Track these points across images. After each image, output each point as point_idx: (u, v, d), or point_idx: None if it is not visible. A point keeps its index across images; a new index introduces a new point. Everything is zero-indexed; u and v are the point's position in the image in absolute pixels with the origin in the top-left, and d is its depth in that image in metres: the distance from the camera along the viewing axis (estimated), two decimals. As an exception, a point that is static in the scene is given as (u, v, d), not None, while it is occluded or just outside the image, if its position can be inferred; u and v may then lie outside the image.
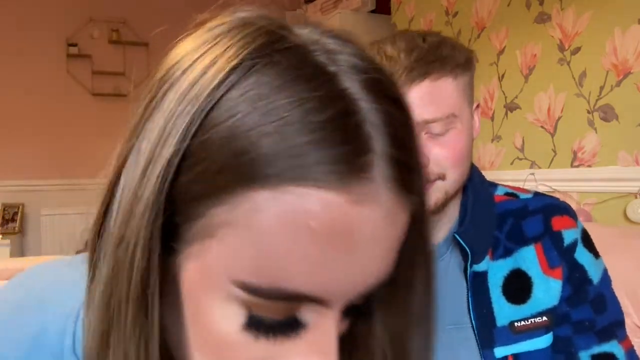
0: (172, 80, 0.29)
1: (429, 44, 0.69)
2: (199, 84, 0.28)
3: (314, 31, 0.31)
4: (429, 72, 0.67)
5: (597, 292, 0.75)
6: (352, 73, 0.28)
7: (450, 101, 0.69)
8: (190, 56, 0.30)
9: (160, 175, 0.27)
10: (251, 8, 0.32)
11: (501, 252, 0.76)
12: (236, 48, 0.28)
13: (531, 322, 0.73)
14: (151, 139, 0.28)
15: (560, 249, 0.75)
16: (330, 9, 3.14)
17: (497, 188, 0.82)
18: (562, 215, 0.77)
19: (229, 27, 0.30)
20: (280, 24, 0.31)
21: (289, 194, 0.26)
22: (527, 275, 0.74)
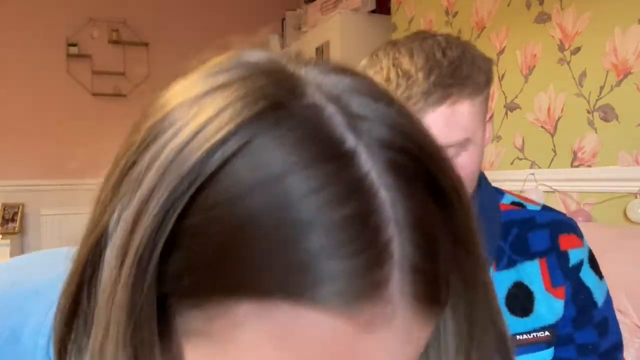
0: (159, 136, 0.24)
1: (449, 61, 0.64)
2: (186, 151, 0.23)
3: (337, 82, 0.26)
4: (447, 97, 0.63)
5: (602, 315, 0.74)
6: (376, 149, 0.23)
7: (465, 125, 0.66)
8: (182, 111, 0.25)
9: (135, 263, 0.23)
10: (259, 51, 0.28)
11: (505, 262, 0.74)
12: (233, 110, 0.23)
13: (533, 336, 0.72)
14: (128, 217, 0.24)
15: (565, 268, 0.73)
16: (330, 9, 3.14)
17: (503, 196, 0.80)
18: (569, 233, 0.75)
19: (230, 78, 0.25)
20: (292, 75, 0.25)
21: (280, 312, 0.21)
22: (530, 290, 0.73)
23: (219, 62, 0.28)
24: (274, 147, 0.22)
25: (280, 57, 0.28)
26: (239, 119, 0.23)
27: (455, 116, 0.64)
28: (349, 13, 2.96)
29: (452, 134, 0.64)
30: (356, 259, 0.21)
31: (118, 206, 0.25)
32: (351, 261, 0.21)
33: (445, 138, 0.64)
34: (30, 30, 3.63)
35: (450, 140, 0.65)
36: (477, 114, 0.67)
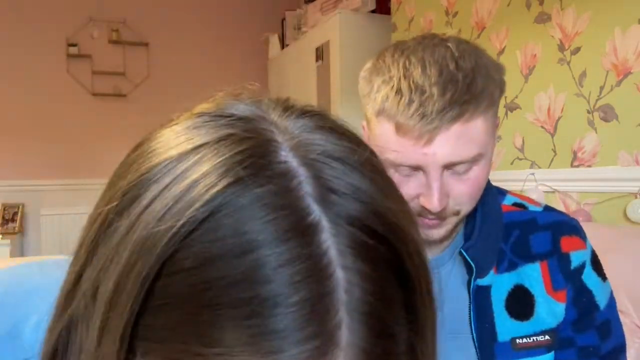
0: (133, 206, 0.25)
1: (464, 74, 0.61)
2: (161, 223, 0.23)
3: (316, 143, 0.25)
4: (462, 114, 0.61)
5: (604, 318, 0.73)
6: (342, 225, 0.23)
7: (479, 140, 0.63)
8: (156, 176, 0.25)
9: (118, 340, 0.24)
10: (242, 102, 0.28)
11: (505, 265, 0.73)
12: (205, 181, 0.23)
13: (533, 340, 0.71)
14: (107, 289, 0.24)
15: (567, 271, 0.72)
16: (330, 9, 3.14)
17: (505, 197, 0.79)
18: (571, 235, 0.74)
19: (208, 138, 0.25)
20: (269, 135, 0.25)
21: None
22: (531, 293, 0.72)
23: (201, 115, 0.28)
24: (236, 221, 0.23)
25: (263, 110, 0.28)
26: (211, 190, 0.23)
27: (468, 133, 0.62)
28: (349, 13, 2.96)
29: (465, 151, 0.62)
30: (305, 345, 0.21)
31: (92, 282, 0.25)
32: (303, 347, 0.21)
33: (458, 155, 0.62)
34: (30, 30, 3.63)
35: (463, 157, 0.62)
36: (489, 128, 0.64)
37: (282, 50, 3.85)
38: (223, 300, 0.21)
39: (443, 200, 0.64)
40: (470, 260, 0.70)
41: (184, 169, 0.24)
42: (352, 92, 3.03)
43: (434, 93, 0.60)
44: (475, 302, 0.71)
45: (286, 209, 0.23)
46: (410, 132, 0.61)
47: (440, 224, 0.68)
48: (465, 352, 0.72)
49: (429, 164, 0.62)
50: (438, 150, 0.61)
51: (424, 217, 0.67)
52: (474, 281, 0.71)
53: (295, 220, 0.23)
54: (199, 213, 0.23)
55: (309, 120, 0.27)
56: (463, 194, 0.65)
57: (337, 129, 0.28)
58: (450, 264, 0.75)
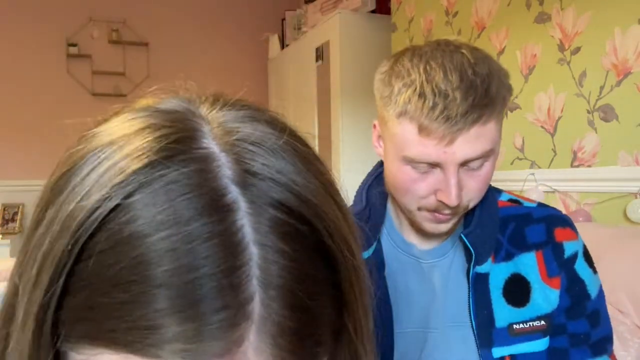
0: (59, 196, 0.26)
1: (481, 80, 0.66)
2: (78, 207, 0.24)
3: (239, 131, 0.26)
4: (481, 117, 0.66)
5: (594, 307, 0.77)
6: (261, 206, 0.24)
7: (492, 138, 0.70)
8: (83, 167, 0.26)
9: (34, 318, 0.25)
10: (175, 98, 0.29)
11: (503, 255, 0.77)
12: (123, 163, 0.24)
13: (529, 326, 0.74)
14: (30, 275, 0.25)
15: (561, 259, 0.76)
16: (330, 9, 3.14)
17: (501, 194, 0.84)
18: (564, 227, 0.78)
19: (132, 129, 0.26)
20: (192, 123, 0.26)
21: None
22: (527, 280, 0.76)
23: (134, 109, 0.29)
24: (149, 202, 0.23)
25: (191, 103, 0.29)
26: (124, 174, 0.24)
27: (485, 132, 0.68)
28: (349, 13, 2.96)
29: (481, 147, 0.68)
30: (216, 316, 0.22)
31: (19, 274, 0.26)
32: (215, 316, 0.22)
33: (475, 153, 0.68)
34: (30, 30, 3.63)
35: (478, 154, 0.68)
36: (499, 126, 0.71)
37: (282, 50, 3.85)
38: (140, 277, 0.22)
39: (460, 195, 0.69)
40: (470, 245, 0.74)
41: (103, 158, 0.25)
42: (352, 92, 3.04)
43: (457, 97, 0.64)
44: (474, 289, 0.75)
45: (202, 189, 0.23)
46: (434, 133, 0.66)
47: (451, 218, 0.73)
48: (466, 341, 0.75)
49: (448, 161, 0.67)
50: (458, 149, 0.67)
51: (440, 212, 0.71)
52: (473, 268, 0.75)
53: (210, 199, 0.23)
54: (112, 196, 0.23)
55: (236, 111, 0.28)
56: (474, 188, 0.71)
57: (261, 116, 0.28)
58: (451, 253, 0.79)
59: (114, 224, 0.23)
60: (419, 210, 0.73)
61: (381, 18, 2.98)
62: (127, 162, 0.24)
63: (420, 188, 0.70)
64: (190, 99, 0.29)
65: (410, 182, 0.71)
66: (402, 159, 0.70)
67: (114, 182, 0.24)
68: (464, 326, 0.76)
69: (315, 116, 3.23)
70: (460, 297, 0.77)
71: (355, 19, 2.97)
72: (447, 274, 0.79)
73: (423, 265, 0.80)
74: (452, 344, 0.76)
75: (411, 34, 2.68)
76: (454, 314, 0.77)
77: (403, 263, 0.81)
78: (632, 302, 1.28)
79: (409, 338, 0.78)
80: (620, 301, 1.30)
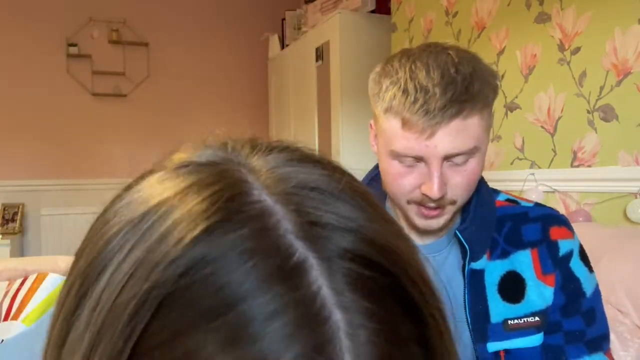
0: (98, 279, 0.22)
1: (462, 77, 0.69)
2: (124, 296, 0.20)
3: (291, 176, 0.23)
4: (460, 111, 0.69)
5: (589, 305, 0.78)
6: (334, 260, 0.20)
7: (475, 135, 0.72)
8: (118, 240, 0.22)
9: None
10: (209, 148, 0.26)
11: (498, 253, 0.79)
12: (179, 232, 0.21)
13: (524, 321, 0.76)
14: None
15: (555, 257, 0.78)
16: (330, 9, 3.14)
17: (499, 194, 0.86)
18: (560, 226, 0.80)
19: (172, 192, 0.23)
20: (238, 177, 0.23)
21: None
22: (522, 277, 0.78)
23: (161, 170, 0.25)
24: (213, 275, 0.20)
25: (229, 152, 0.25)
26: (178, 246, 0.20)
27: (466, 128, 0.70)
28: (349, 13, 2.96)
29: (463, 143, 0.70)
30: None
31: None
32: None
33: (457, 148, 0.70)
34: (30, 30, 3.63)
35: (462, 149, 0.71)
36: (484, 125, 0.73)
37: (282, 50, 3.85)
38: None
39: (442, 188, 0.71)
40: (465, 241, 0.76)
41: (144, 229, 0.21)
42: (352, 92, 3.04)
43: (437, 92, 0.68)
44: (469, 285, 0.77)
45: (266, 252, 0.20)
46: (415, 126, 0.70)
47: (440, 214, 0.75)
48: (461, 336, 0.78)
49: (430, 155, 0.71)
50: (439, 142, 0.69)
51: (425, 205, 0.75)
52: (468, 265, 0.77)
53: (277, 262, 0.20)
54: (166, 275, 0.20)
55: (277, 154, 0.25)
56: (459, 184, 0.73)
57: (309, 158, 0.25)
58: (446, 249, 0.82)
59: (173, 308, 0.20)
60: (408, 204, 0.77)
61: (381, 18, 2.98)
62: (181, 233, 0.20)
63: (407, 181, 0.74)
64: (227, 144, 0.26)
65: (397, 175, 0.75)
66: (389, 154, 0.74)
67: (166, 258, 0.20)
68: (460, 322, 0.78)
69: (315, 116, 3.23)
70: (456, 292, 0.79)
71: (355, 19, 2.97)
72: (441, 269, 0.81)
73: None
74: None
75: (411, 34, 2.68)
76: (450, 309, 0.78)
77: None
78: (632, 302, 1.28)
79: None
80: (620, 301, 1.30)
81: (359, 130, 2.91)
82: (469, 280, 0.77)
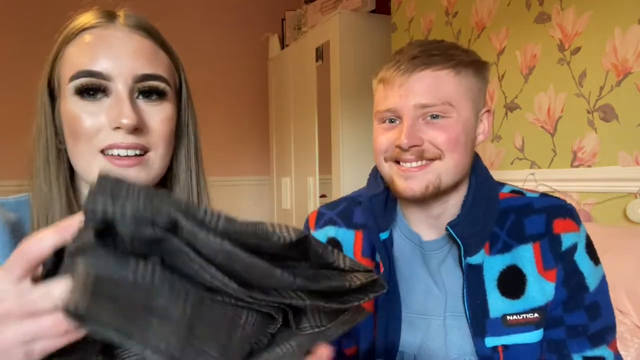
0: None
1: (440, 44, 0.76)
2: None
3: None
4: (430, 64, 0.73)
5: (593, 299, 0.77)
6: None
7: (448, 91, 0.74)
8: None
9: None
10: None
11: (499, 247, 0.79)
12: None
13: (523, 317, 0.76)
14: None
15: (557, 252, 0.77)
16: (330, 9, 3.14)
17: (504, 187, 0.86)
18: (565, 218, 0.78)
19: None
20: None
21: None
22: (523, 273, 0.77)
23: None
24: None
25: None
26: None
27: (438, 81, 0.74)
28: (349, 13, 2.96)
29: (434, 95, 0.73)
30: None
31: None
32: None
33: (427, 98, 0.73)
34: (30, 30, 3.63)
35: (432, 101, 0.73)
36: (462, 89, 0.75)
37: (282, 50, 3.85)
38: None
39: (413, 137, 0.74)
40: (456, 236, 0.77)
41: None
42: (352, 92, 3.04)
43: (408, 50, 0.76)
44: (467, 280, 0.77)
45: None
46: (390, 81, 0.76)
47: (422, 173, 0.76)
48: (461, 331, 0.78)
49: (403, 106, 0.75)
50: (410, 92, 0.74)
51: (401, 159, 0.77)
52: (464, 259, 0.77)
53: None
54: None
55: None
56: (438, 138, 0.74)
57: None
58: (448, 246, 0.82)
59: None
60: (386, 161, 0.80)
61: (381, 18, 2.98)
62: None
63: (385, 137, 0.78)
64: None
65: (378, 137, 0.80)
66: (375, 119, 0.80)
67: None
68: (460, 316, 0.78)
69: (315, 116, 3.23)
70: (456, 288, 0.80)
71: (355, 19, 2.97)
72: (442, 264, 0.82)
73: (425, 255, 0.84)
74: (450, 333, 0.79)
75: (411, 34, 2.68)
76: (452, 304, 0.79)
77: (409, 250, 0.85)
78: (632, 302, 1.28)
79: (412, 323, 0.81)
80: (620, 301, 1.30)
81: (359, 130, 2.91)
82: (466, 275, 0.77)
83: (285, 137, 3.75)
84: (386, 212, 0.84)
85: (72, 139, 0.62)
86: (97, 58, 0.61)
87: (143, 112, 0.63)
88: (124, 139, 0.61)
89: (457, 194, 0.81)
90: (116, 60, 0.61)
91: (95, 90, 0.61)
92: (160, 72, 0.65)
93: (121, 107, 0.60)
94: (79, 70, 0.61)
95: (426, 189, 0.76)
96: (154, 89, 0.63)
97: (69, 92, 0.62)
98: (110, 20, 0.65)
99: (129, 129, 0.60)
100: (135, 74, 0.62)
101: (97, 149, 0.61)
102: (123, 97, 0.61)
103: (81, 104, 0.61)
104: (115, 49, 0.62)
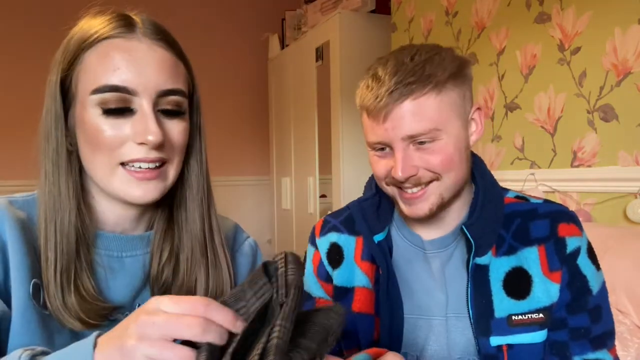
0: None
1: (415, 64, 0.73)
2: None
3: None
4: (409, 93, 0.72)
5: (596, 303, 0.78)
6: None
7: (432, 116, 0.73)
8: None
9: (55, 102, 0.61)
10: None
11: (505, 249, 0.80)
12: None
13: (528, 317, 0.77)
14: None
15: (562, 254, 0.78)
16: (330, 9, 3.14)
17: (508, 192, 0.87)
18: (569, 223, 0.80)
19: None
20: None
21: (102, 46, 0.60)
22: (528, 274, 0.78)
23: None
24: None
25: None
26: None
27: (420, 109, 0.72)
28: (348, 13, 2.96)
29: (420, 125, 0.72)
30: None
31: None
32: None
33: (414, 129, 0.72)
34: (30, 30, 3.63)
35: (418, 131, 0.72)
36: (446, 106, 0.74)
37: (282, 50, 3.85)
38: None
39: (407, 169, 0.74)
40: (470, 237, 0.77)
41: None
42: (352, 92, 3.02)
43: (386, 80, 0.73)
44: (472, 280, 0.78)
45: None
46: (372, 113, 0.75)
47: (423, 197, 0.77)
48: (465, 331, 0.79)
49: (390, 138, 0.74)
50: (395, 125, 0.73)
51: (402, 190, 0.78)
52: (472, 259, 0.78)
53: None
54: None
55: None
56: (431, 162, 0.74)
57: None
58: (453, 245, 0.83)
59: None
60: (387, 185, 0.80)
61: (381, 18, 2.98)
62: None
63: (381, 167, 0.78)
64: None
65: (375, 164, 0.80)
66: (367, 146, 0.80)
67: None
68: (463, 316, 0.79)
69: (315, 116, 3.23)
70: (460, 288, 0.80)
71: (355, 19, 2.97)
72: (446, 264, 0.82)
73: (427, 255, 0.84)
74: (453, 333, 0.80)
75: (411, 34, 2.68)
76: (455, 304, 0.80)
77: (409, 252, 0.85)
78: (632, 302, 1.28)
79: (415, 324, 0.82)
80: (620, 301, 1.30)
81: (359, 130, 2.90)
82: (472, 275, 0.78)
83: (285, 137, 3.75)
84: (379, 215, 0.86)
85: (90, 148, 0.62)
86: (121, 72, 0.60)
87: (164, 125, 0.63)
88: (148, 154, 0.61)
89: (459, 198, 0.83)
90: (140, 75, 0.60)
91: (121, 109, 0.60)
92: (180, 86, 0.64)
93: (146, 123, 0.60)
94: (103, 85, 0.60)
95: (430, 211, 0.78)
96: (175, 105, 0.64)
97: (89, 103, 0.61)
98: (130, 29, 0.63)
99: (154, 145, 0.60)
100: (158, 89, 0.62)
101: (118, 161, 0.61)
102: (148, 112, 0.60)
103: (104, 116, 0.61)
104: (139, 62, 0.61)
